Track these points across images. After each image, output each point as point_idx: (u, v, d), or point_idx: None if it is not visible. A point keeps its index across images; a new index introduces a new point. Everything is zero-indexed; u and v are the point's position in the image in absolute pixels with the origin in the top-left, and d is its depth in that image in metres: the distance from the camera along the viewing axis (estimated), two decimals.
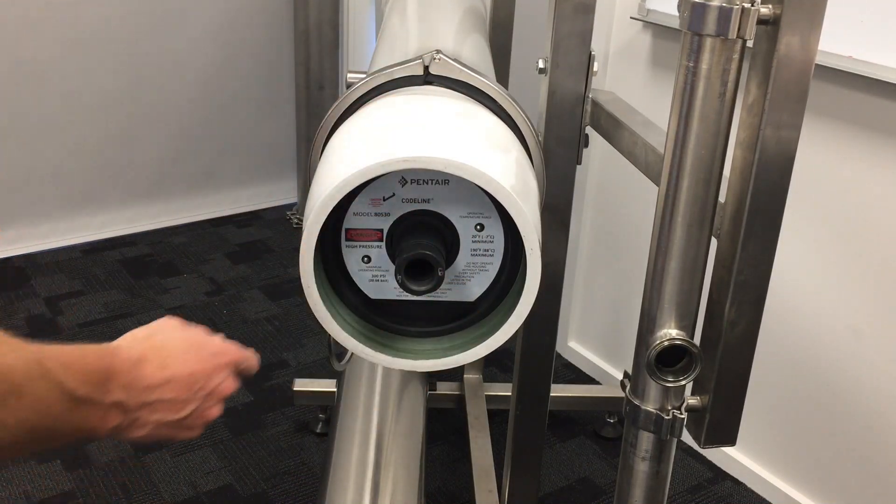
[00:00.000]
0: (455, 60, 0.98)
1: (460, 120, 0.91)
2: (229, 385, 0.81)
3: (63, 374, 0.65)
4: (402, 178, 0.85)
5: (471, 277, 0.89)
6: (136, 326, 0.78)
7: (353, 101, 1.00)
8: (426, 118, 0.90)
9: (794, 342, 1.72)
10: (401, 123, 0.88)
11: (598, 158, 2.05)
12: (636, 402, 0.94)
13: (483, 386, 2.05)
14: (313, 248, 0.82)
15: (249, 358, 0.86)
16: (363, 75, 1.00)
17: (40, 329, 2.35)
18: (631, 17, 1.90)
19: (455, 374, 2.07)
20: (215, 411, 0.80)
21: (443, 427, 2.03)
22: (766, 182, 0.83)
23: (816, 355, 1.70)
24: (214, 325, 2.36)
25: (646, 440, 0.96)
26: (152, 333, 0.78)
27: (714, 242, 0.89)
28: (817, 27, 0.78)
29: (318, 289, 0.83)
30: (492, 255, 0.88)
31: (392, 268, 0.87)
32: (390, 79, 0.98)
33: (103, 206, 2.88)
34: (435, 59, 0.97)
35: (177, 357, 0.76)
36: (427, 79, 0.98)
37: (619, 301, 2.17)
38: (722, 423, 0.95)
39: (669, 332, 0.90)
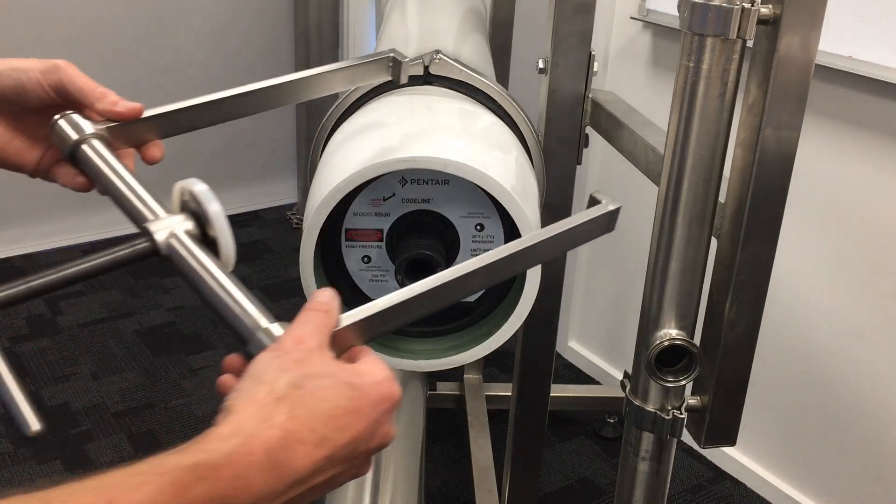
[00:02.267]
0: (455, 60, 0.98)
1: (460, 120, 0.91)
2: (391, 433, 0.56)
3: None
4: (402, 178, 0.85)
5: None
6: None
7: (353, 102, 1.00)
8: (426, 118, 0.90)
9: (795, 342, 1.72)
10: (401, 123, 0.88)
11: (598, 158, 2.05)
12: (636, 402, 0.94)
13: (483, 386, 2.05)
14: (313, 248, 0.82)
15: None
16: None
17: (40, 329, 2.35)
18: (631, 17, 1.90)
19: (455, 374, 2.07)
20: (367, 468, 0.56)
21: (443, 427, 2.03)
22: (766, 182, 0.83)
23: (817, 355, 1.69)
24: (214, 325, 2.36)
25: (646, 440, 0.96)
26: (299, 383, 0.51)
27: (714, 242, 0.89)
28: (817, 27, 0.78)
29: (318, 289, 0.83)
30: None
31: (392, 268, 0.87)
32: None
33: (103, 207, 2.87)
34: (435, 59, 0.97)
35: (337, 422, 0.50)
36: (427, 79, 0.98)
37: (619, 301, 2.17)
38: (722, 423, 0.94)
39: (669, 332, 0.90)
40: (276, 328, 0.55)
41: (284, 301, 2.49)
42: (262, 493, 0.47)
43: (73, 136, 0.68)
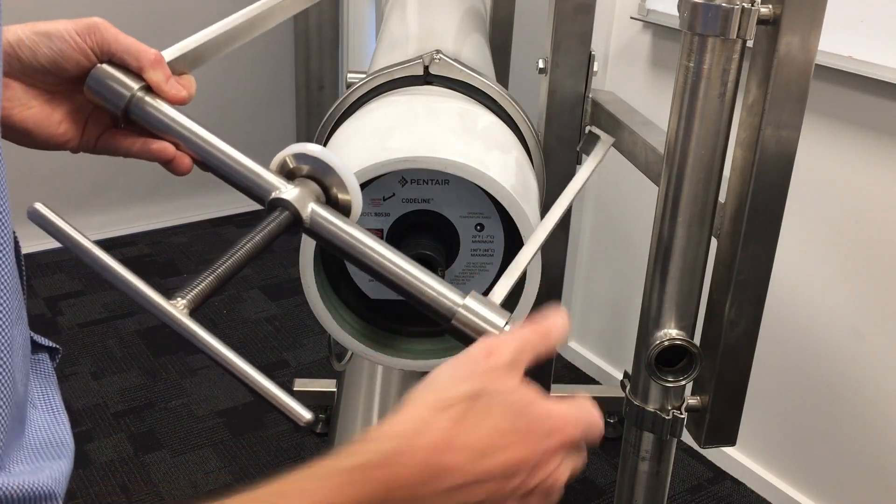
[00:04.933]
0: (455, 60, 0.98)
1: (460, 120, 0.91)
2: (564, 473, 0.52)
3: None
4: (402, 178, 0.85)
5: (471, 277, 0.89)
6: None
7: (354, 101, 1.00)
8: (426, 118, 0.90)
9: (795, 342, 1.72)
10: (400, 124, 0.88)
11: None
12: (636, 402, 0.94)
13: None
14: (313, 248, 0.82)
15: (594, 425, 0.55)
16: (363, 75, 1.00)
17: (40, 329, 2.35)
18: (631, 17, 1.90)
19: None
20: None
21: None
22: (766, 182, 0.83)
23: (817, 355, 1.69)
24: (214, 326, 2.36)
25: (646, 440, 0.96)
26: (474, 395, 0.50)
27: (714, 242, 0.89)
28: (817, 27, 0.78)
29: (318, 289, 0.83)
30: (492, 255, 0.88)
31: None
32: (390, 79, 0.99)
33: (103, 206, 2.88)
34: (435, 59, 0.97)
35: (499, 440, 0.49)
36: (427, 79, 0.98)
37: (619, 301, 2.17)
38: (722, 423, 0.95)
39: (669, 332, 0.90)
40: (470, 300, 0.58)
41: (284, 301, 2.49)
42: (414, 495, 0.47)
43: (125, 93, 0.64)
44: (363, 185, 0.84)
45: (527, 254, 0.67)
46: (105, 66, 0.64)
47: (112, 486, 1.82)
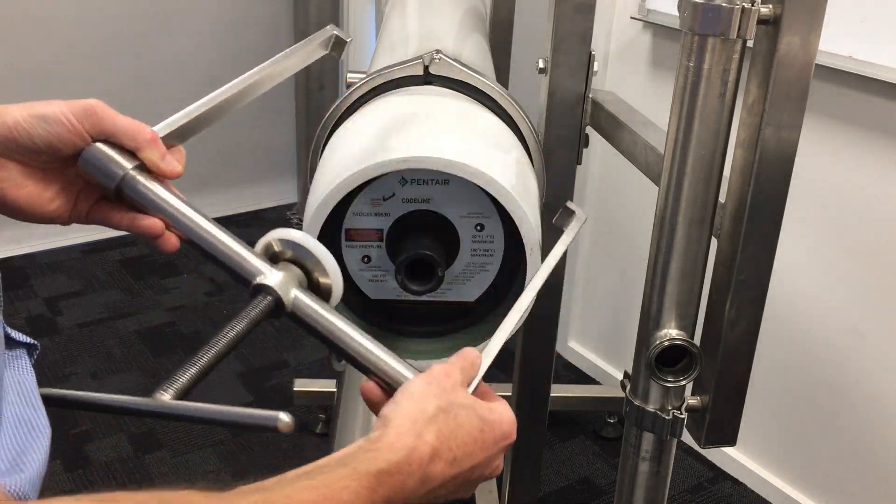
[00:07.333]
0: (455, 60, 0.98)
1: (460, 120, 0.91)
2: (500, 467, 0.67)
3: None
4: (402, 178, 0.85)
5: (471, 277, 0.89)
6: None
7: (353, 102, 1.00)
8: (426, 118, 0.90)
9: (795, 342, 1.72)
10: (400, 123, 0.88)
11: (598, 158, 2.05)
12: (636, 402, 0.94)
13: None
14: None
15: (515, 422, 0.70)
16: (363, 75, 1.00)
17: (40, 329, 2.35)
18: (631, 17, 1.90)
19: None
20: (471, 492, 0.66)
21: None
22: (766, 182, 0.83)
23: (817, 355, 1.69)
24: (214, 326, 2.36)
25: (646, 440, 0.96)
26: (445, 408, 0.62)
27: (714, 242, 0.89)
28: (817, 27, 0.78)
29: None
30: (492, 255, 0.88)
31: (392, 268, 0.87)
32: (390, 79, 0.99)
33: None
34: (435, 59, 0.97)
35: (467, 447, 0.62)
36: (427, 79, 0.98)
37: (619, 301, 2.17)
38: (722, 423, 0.95)
39: (669, 332, 0.90)
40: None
41: None
42: (409, 497, 0.58)
43: (118, 172, 0.65)
44: (363, 185, 0.84)
45: (511, 322, 0.73)
46: (98, 146, 0.65)
47: (112, 486, 1.81)
